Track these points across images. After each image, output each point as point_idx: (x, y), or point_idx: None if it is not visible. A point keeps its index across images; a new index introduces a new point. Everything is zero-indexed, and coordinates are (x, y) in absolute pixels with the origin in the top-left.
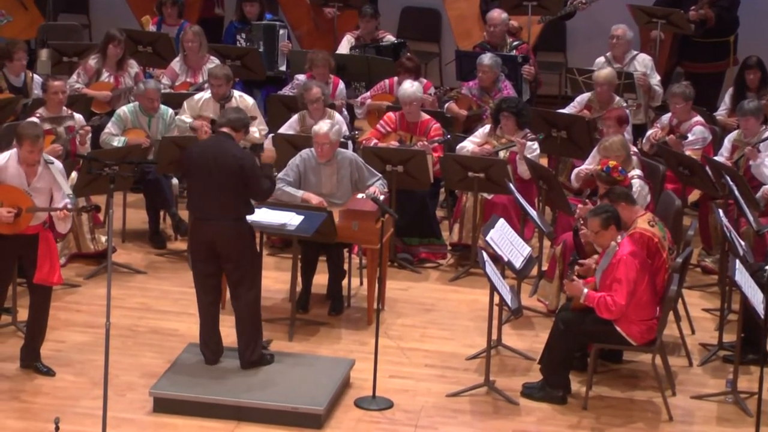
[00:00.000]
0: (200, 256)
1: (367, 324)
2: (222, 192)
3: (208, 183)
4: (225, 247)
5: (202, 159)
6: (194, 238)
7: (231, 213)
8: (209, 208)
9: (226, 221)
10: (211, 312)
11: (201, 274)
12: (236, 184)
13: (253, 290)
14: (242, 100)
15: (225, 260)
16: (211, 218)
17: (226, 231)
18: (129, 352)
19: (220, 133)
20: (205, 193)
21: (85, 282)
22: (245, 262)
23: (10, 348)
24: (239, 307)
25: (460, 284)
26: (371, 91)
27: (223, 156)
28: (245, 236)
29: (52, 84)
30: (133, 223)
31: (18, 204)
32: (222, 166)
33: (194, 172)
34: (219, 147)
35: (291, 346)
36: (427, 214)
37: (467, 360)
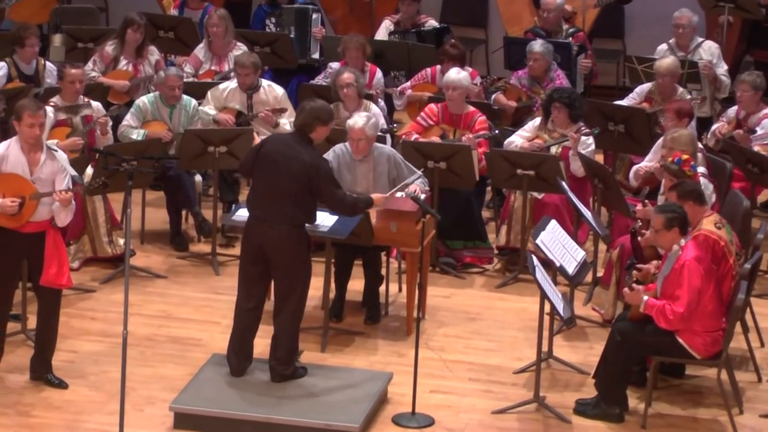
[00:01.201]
0: (248, 257)
1: (406, 334)
2: (283, 194)
3: (270, 182)
4: (276, 253)
5: (271, 155)
6: (246, 238)
7: (288, 218)
8: (267, 208)
9: (282, 225)
10: (249, 319)
11: (246, 277)
12: (300, 189)
13: (299, 304)
14: (271, 90)
15: (274, 267)
16: (267, 219)
17: (280, 235)
18: (148, 363)
19: (296, 132)
20: (266, 192)
21: (101, 287)
22: (295, 272)
23: (19, 358)
24: (281, 320)
25: (507, 291)
26: (411, 81)
27: (291, 159)
28: (300, 245)
29: (69, 72)
30: (153, 223)
31: (20, 192)
32: (288, 168)
33: (259, 168)
34: (290, 147)
35: (323, 357)
36: (472, 215)
37: (515, 374)
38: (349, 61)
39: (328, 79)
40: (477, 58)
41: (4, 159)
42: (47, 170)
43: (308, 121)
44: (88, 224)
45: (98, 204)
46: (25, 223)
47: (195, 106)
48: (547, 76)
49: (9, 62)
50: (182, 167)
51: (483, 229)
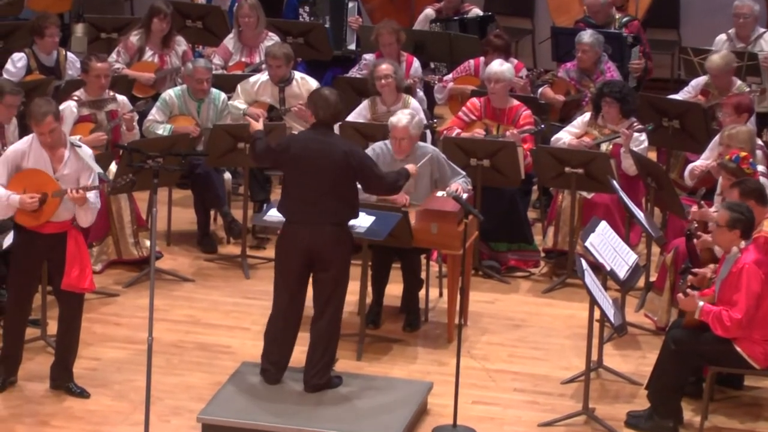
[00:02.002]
0: (293, 267)
1: (447, 342)
2: (324, 192)
3: (308, 183)
4: (324, 256)
5: (304, 155)
6: (286, 245)
7: (333, 216)
8: (309, 211)
9: (328, 226)
10: (290, 329)
11: (290, 286)
12: (343, 181)
13: (340, 311)
14: (304, 83)
15: (321, 270)
16: (311, 222)
17: (329, 237)
18: (174, 371)
19: (319, 124)
20: (305, 195)
21: (125, 291)
22: (341, 275)
23: (39, 366)
24: (320, 327)
25: (554, 296)
26: (453, 73)
27: (328, 152)
28: (348, 244)
29: (94, 65)
30: (180, 223)
31: (42, 189)
32: (328, 162)
33: (292, 171)
34: (321, 141)
35: (360, 366)
36: (517, 216)
37: (563, 384)
38: (382, 49)
39: (363, 72)
40: (523, 49)
41: (26, 155)
42: (71, 167)
43: (336, 114)
44: (112, 225)
45: (123, 203)
46: (45, 223)
47: (224, 100)
48: (598, 69)
49: (28, 53)
50: (211, 164)
51: (529, 231)
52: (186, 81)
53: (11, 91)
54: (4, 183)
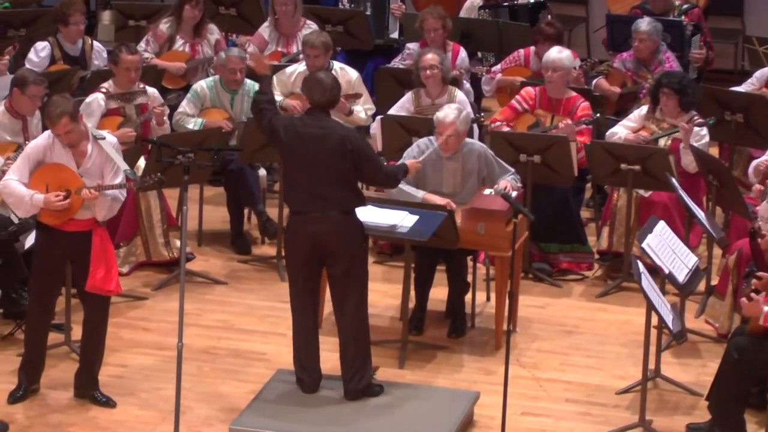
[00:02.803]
0: (300, 259)
1: (495, 349)
2: (327, 179)
3: (308, 170)
4: (332, 246)
5: (298, 141)
6: (292, 237)
7: (338, 204)
8: (312, 199)
9: (334, 213)
10: (311, 332)
11: (300, 281)
12: (344, 169)
13: (363, 304)
14: (344, 73)
15: (332, 263)
16: (315, 211)
17: (335, 226)
18: (205, 379)
19: (315, 108)
20: (306, 182)
21: (153, 294)
22: (356, 266)
23: (63, 373)
24: (346, 326)
25: (609, 301)
26: (502, 64)
27: (324, 137)
28: (358, 233)
29: (125, 57)
30: (212, 222)
31: (65, 185)
32: (325, 147)
33: (288, 158)
34: (318, 126)
35: (402, 374)
36: (570, 215)
37: (618, 394)
38: (427, 38)
39: (406, 62)
40: (576, 38)
41: (49, 149)
42: (95, 162)
43: (332, 98)
44: (141, 224)
45: (153, 201)
46: (68, 221)
47: None
48: (656, 59)
49: (52, 42)
50: (245, 160)
51: (582, 231)
52: (218, 72)
53: (35, 81)
54: (26, 181)
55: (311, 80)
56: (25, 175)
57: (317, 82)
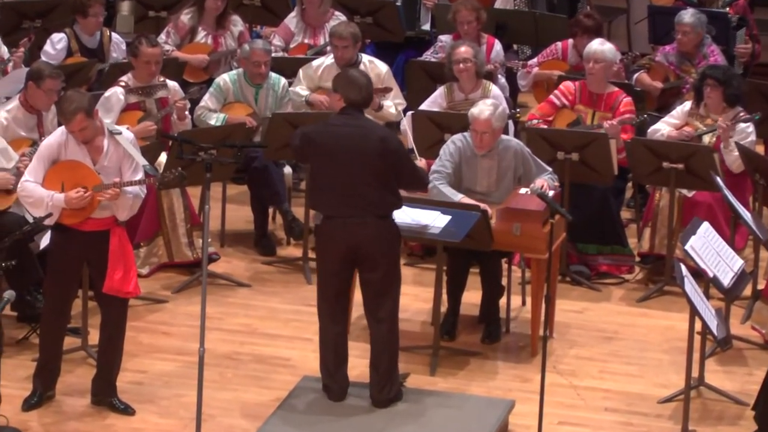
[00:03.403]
0: (334, 266)
1: (531, 355)
2: (364, 181)
3: (343, 172)
4: (370, 252)
5: (334, 142)
6: (326, 243)
7: (377, 208)
8: (349, 203)
9: (371, 218)
10: (341, 338)
11: (332, 290)
12: (383, 171)
13: (396, 310)
14: (373, 66)
15: (369, 268)
16: (353, 216)
17: (373, 231)
18: (228, 386)
19: (349, 107)
20: (342, 186)
21: (174, 297)
22: (392, 272)
23: (79, 379)
24: (379, 332)
25: (650, 306)
26: (539, 57)
27: (364, 137)
28: (396, 238)
29: (145, 50)
30: (235, 222)
31: (82, 183)
32: (364, 148)
33: (322, 161)
34: (355, 126)
35: (434, 381)
36: (610, 216)
37: (660, 403)
38: (460, 29)
39: (438, 55)
40: (617, 30)
41: (63, 146)
42: (112, 158)
43: (367, 95)
44: (163, 223)
45: (176, 199)
46: (85, 220)
47: (284, 86)
48: (700, 53)
49: (69, 34)
50: (269, 157)
51: (622, 232)
52: (242, 65)
53: (51, 75)
54: (41, 181)
55: (345, 78)
56: (40, 175)
57: (352, 80)
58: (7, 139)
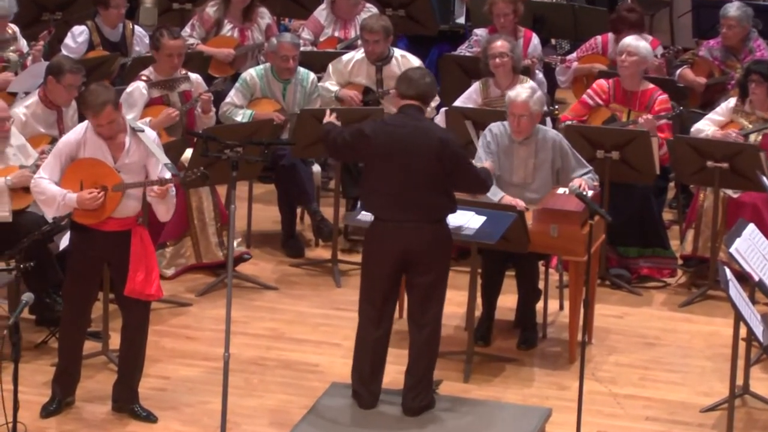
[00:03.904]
0: (384, 270)
1: (569, 362)
2: (420, 185)
3: (399, 174)
4: (424, 257)
5: (393, 143)
6: (377, 246)
7: (432, 212)
8: (404, 207)
9: (424, 224)
10: (381, 345)
11: (378, 296)
12: (439, 173)
13: (439, 316)
14: (405, 61)
15: (419, 273)
16: (408, 220)
17: (428, 237)
18: (254, 392)
19: (409, 106)
20: (397, 189)
21: (198, 300)
22: (442, 277)
23: (100, 385)
24: (419, 338)
25: (693, 311)
26: (578, 52)
27: (423, 138)
28: (449, 244)
29: (167, 43)
30: (262, 223)
31: (101, 181)
32: (420, 152)
33: (378, 161)
34: (414, 126)
35: (467, 389)
36: (651, 217)
37: (702, 412)
38: (496, 23)
39: (473, 49)
40: (659, 24)
41: (82, 144)
42: (133, 156)
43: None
44: (191, 222)
45: (205, 196)
46: (106, 220)
47: (313, 81)
48: (745, 47)
49: (91, 26)
50: (297, 155)
51: (664, 234)
52: (270, 59)
53: (71, 69)
54: (56, 180)
55: (404, 75)
56: (56, 173)
57: (410, 77)
58: (26, 136)
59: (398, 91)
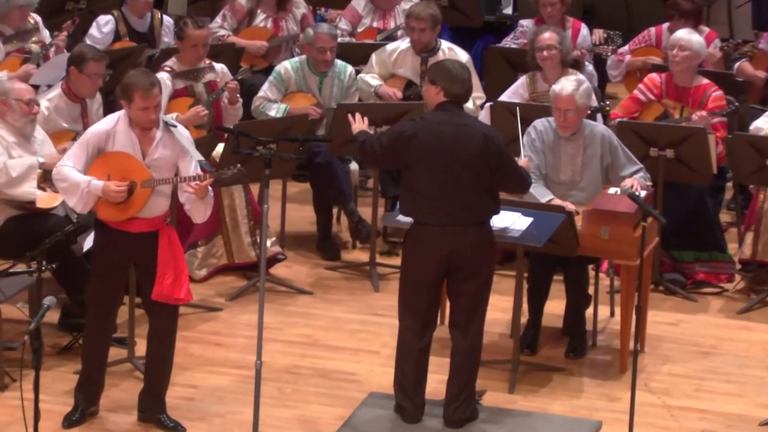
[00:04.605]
0: (427, 277)
1: (620, 372)
2: (463, 187)
3: (442, 175)
4: (469, 263)
5: (435, 142)
6: (419, 252)
7: (477, 214)
8: (449, 210)
9: (468, 227)
10: (424, 354)
11: (425, 302)
12: (484, 173)
13: (482, 325)
14: (453, 54)
15: (463, 279)
16: (454, 224)
17: (473, 240)
18: (287, 402)
19: (449, 102)
20: (441, 191)
21: (228, 304)
22: (487, 283)
23: (125, 393)
24: (462, 346)
25: (752, 318)
26: (631, 44)
27: (466, 136)
28: (491, 247)
29: (191, 32)
30: (296, 223)
31: (129, 176)
32: (463, 152)
33: (420, 162)
34: (457, 124)
35: (513, 400)
36: (707, 218)
37: (761, 426)
38: (544, 12)
39: (519, 41)
40: (717, 15)
41: (111, 137)
42: (164, 151)
43: (469, 89)
44: (222, 221)
45: (237, 193)
46: (132, 219)
47: (351, 74)
48: None
49: (117, 16)
50: (334, 152)
51: (721, 237)
52: (305, 51)
53: (94, 58)
54: (81, 169)
55: (445, 69)
56: (80, 162)
57: (453, 72)
58: (48, 131)
59: (445, 89)
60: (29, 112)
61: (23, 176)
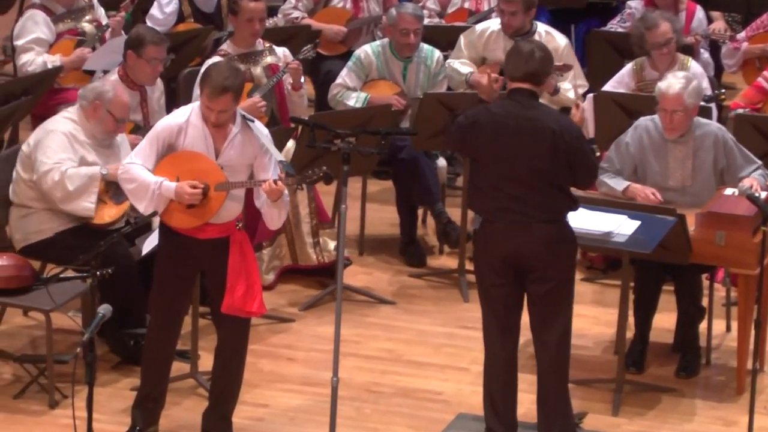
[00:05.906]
0: (493, 279)
1: (737, 393)
2: (532, 183)
3: (509, 170)
4: (537, 262)
5: (500, 134)
6: (484, 251)
7: (546, 211)
8: (517, 205)
9: (539, 225)
10: (510, 365)
11: (499, 305)
12: (553, 169)
13: (568, 334)
14: (550, 38)
15: (534, 280)
16: (522, 220)
17: (540, 237)
18: (367, 423)
19: (518, 90)
20: (502, 185)
21: (301, 315)
22: (563, 287)
23: (188, 413)
24: (544, 359)
25: None
26: (747, 31)
27: (533, 130)
28: (567, 246)
29: (246, 5)
30: (377, 225)
31: (202, 179)
32: (532, 144)
33: (484, 155)
34: (525, 116)
35: (617, 423)
36: None
37: None
38: None
39: (626, 24)
40: None
41: (183, 131)
42: (240, 150)
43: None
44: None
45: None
46: (203, 226)
47: (439, 60)
48: None
49: None
50: (420, 147)
51: None
52: (388, 34)
53: (153, 41)
54: (150, 167)
55: (514, 51)
56: (150, 160)
57: (523, 54)
58: None
59: (511, 74)
60: (113, 130)
61: (82, 189)
